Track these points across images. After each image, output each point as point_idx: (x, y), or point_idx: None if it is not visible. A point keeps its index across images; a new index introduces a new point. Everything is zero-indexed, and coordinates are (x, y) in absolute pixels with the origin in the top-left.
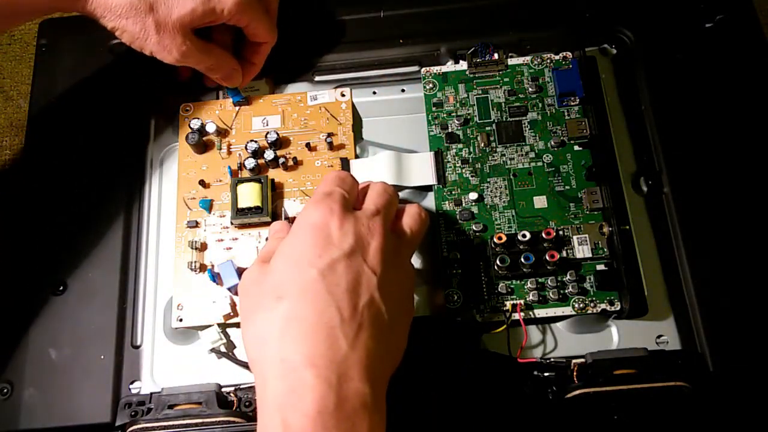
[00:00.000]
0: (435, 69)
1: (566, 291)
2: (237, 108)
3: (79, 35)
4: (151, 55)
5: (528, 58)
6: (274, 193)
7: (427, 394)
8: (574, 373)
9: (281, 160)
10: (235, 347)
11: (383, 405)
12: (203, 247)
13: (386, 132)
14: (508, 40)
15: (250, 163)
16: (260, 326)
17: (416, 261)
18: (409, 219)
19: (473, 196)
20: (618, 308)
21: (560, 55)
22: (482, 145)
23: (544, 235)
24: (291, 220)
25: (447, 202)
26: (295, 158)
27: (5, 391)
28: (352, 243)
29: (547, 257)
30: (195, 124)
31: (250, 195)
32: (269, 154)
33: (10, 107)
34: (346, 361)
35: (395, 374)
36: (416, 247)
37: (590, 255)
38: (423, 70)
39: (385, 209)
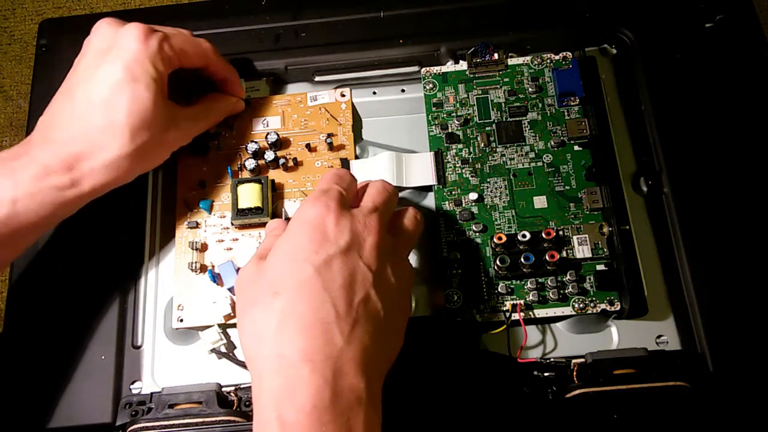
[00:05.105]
0: (435, 69)
1: (566, 291)
2: None
3: (79, 35)
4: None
5: (528, 58)
6: (275, 194)
7: (426, 393)
8: (574, 373)
9: (281, 160)
10: (235, 347)
11: (379, 400)
12: (204, 247)
13: (386, 132)
14: (508, 40)
15: (251, 163)
16: (257, 322)
17: (416, 261)
18: (406, 220)
19: (473, 196)
20: (618, 308)
21: (560, 55)
22: (482, 145)
23: (544, 235)
24: (290, 220)
25: (447, 202)
26: (295, 159)
27: (6, 389)
28: (348, 239)
29: (547, 257)
30: None
31: (250, 196)
32: (269, 155)
33: (10, 107)
34: (341, 356)
35: (395, 374)
36: (413, 247)
37: (590, 255)
38: (423, 70)
39: (383, 206)
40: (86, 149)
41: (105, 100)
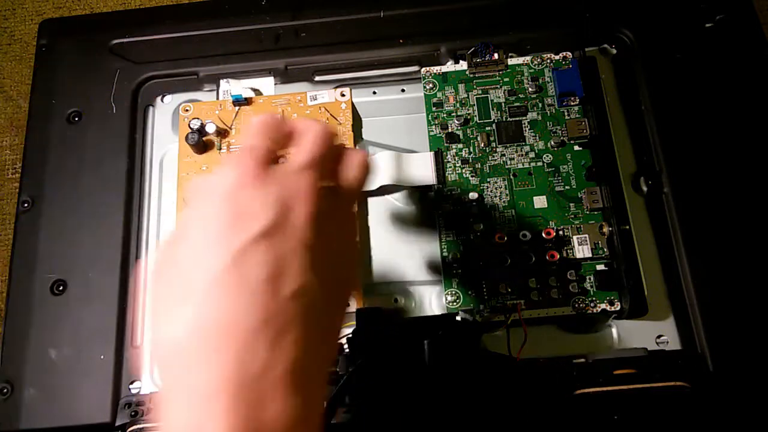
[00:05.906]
0: (435, 69)
1: (566, 291)
2: (237, 108)
3: (79, 35)
4: None
5: (528, 58)
6: None
7: (426, 393)
8: (574, 373)
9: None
10: None
11: (318, 419)
12: None
13: (386, 132)
14: (508, 40)
15: None
16: (163, 340)
17: (416, 260)
18: (351, 168)
19: (473, 196)
20: (618, 308)
21: (560, 55)
22: (482, 145)
23: (544, 235)
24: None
25: (447, 202)
26: None
27: (5, 391)
28: (272, 215)
29: (547, 257)
30: (195, 124)
31: None
32: None
33: (10, 107)
34: (265, 376)
35: (395, 374)
36: (356, 199)
37: (590, 255)
38: (423, 70)
39: (320, 158)
40: None
41: None
